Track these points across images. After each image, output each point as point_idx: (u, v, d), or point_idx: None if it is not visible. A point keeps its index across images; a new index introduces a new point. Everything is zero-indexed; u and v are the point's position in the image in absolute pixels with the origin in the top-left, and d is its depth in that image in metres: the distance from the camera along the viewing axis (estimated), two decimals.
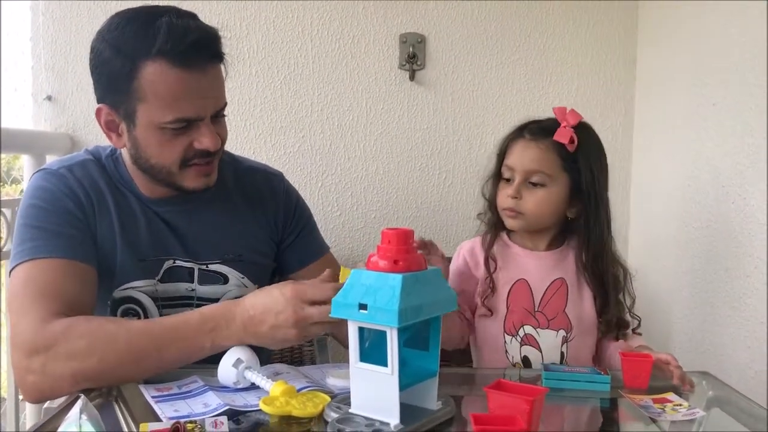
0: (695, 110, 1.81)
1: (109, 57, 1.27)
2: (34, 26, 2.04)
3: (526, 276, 1.51)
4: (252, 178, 1.53)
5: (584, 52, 2.20)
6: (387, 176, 2.18)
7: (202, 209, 1.43)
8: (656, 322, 2.01)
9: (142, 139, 1.29)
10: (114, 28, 1.28)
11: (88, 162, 1.38)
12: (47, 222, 1.28)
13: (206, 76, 1.28)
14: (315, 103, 2.14)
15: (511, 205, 1.49)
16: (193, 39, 1.24)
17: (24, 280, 1.23)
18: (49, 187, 1.32)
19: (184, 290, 1.40)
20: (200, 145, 1.30)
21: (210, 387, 1.12)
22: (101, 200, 1.35)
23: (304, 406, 1.01)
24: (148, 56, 1.23)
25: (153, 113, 1.26)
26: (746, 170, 1.59)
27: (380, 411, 0.97)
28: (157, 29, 1.23)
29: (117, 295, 1.36)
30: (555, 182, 1.48)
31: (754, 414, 1.15)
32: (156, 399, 1.07)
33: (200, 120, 1.29)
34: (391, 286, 0.94)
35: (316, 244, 1.61)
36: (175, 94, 1.25)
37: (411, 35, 2.14)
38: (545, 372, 1.23)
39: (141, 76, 1.24)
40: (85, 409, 0.88)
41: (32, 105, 2.05)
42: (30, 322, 1.18)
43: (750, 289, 1.57)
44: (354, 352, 0.98)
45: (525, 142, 1.50)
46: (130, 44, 1.24)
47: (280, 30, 2.11)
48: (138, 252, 1.36)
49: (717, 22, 1.73)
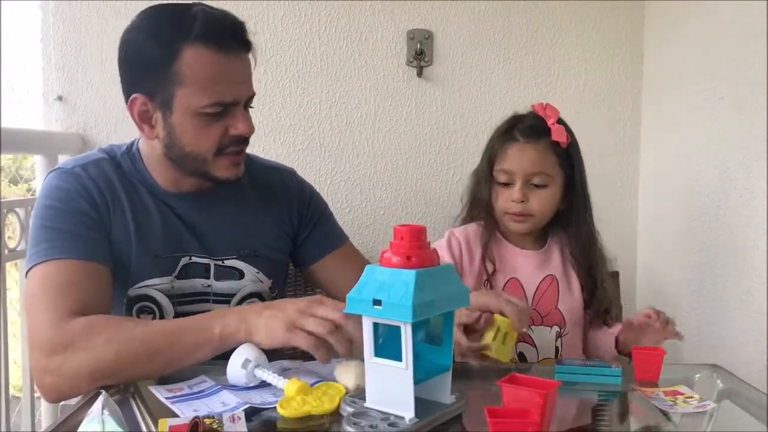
0: (702, 105, 1.82)
1: (146, 45, 1.30)
2: (44, 27, 2.06)
3: (517, 274, 1.55)
4: (265, 176, 1.54)
5: (591, 47, 2.20)
6: (396, 173, 2.19)
7: (218, 205, 1.44)
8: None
9: (179, 126, 1.31)
10: (148, 18, 1.32)
11: (103, 161, 1.40)
12: (63, 222, 1.30)
13: (241, 61, 1.33)
14: (323, 101, 2.16)
15: (519, 209, 1.50)
16: (230, 24, 1.31)
17: (41, 280, 1.24)
18: (64, 186, 1.33)
19: (201, 286, 1.42)
20: (236, 131, 1.33)
21: (222, 386, 1.13)
22: (116, 199, 1.36)
23: (320, 402, 1.02)
24: (187, 40, 1.27)
25: (191, 97, 1.29)
26: (753, 164, 1.59)
27: (395, 405, 0.98)
28: (193, 15, 1.28)
29: (132, 294, 1.37)
30: (554, 181, 1.51)
31: (764, 405, 1.16)
32: (171, 400, 1.07)
33: (235, 105, 1.32)
34: (405, 281, 0.95)
35: (334, 233, 1.61)
36: (214, 77, 1.28)
37: (418, 32, 2.15)
38: (557, 366, 1.24)
39: (180, 60, 1.27)
40: (107, 405, 0.90)
41: (43, 105, 2.07)
42: (48, 322, 1.19)
43: (758, 282, 1.57)
44: (369, 348, 0.99)
45: (520, 144, 1.50)
46: (169, 30, 1.28)
47: (288, 28, 2.12)
48: (153, 249, 1.38)
49: (724, 17, 1.74)
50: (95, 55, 2.07)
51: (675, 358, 1.82)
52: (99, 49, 2.06)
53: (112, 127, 2.08)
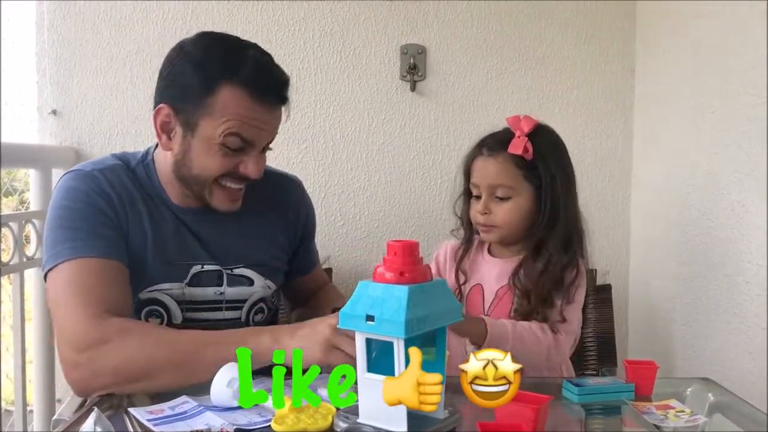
0: (694, 118, 1.83)
1: (188, 71, 1.31)
2: (39, 41, 2.06)
3: (482, 281, 1.58)
4: (274, 183, 1.57)
5: (583, 61, 2.22)
6: (389, 186, 2.20)
7: (229, 220, 1.45)
8: (657, 328, 2.03)
9: (195, 149, 1.33)
10: (201, 46, 1.34)
11: (118, 167, 1.41)
12: (83, 222, 1.31)
13: (272, 113, 1.36)
14: (317, 115, 2.16)
15: (482, 220, 1.54)
16: (275, 79, 1.34)
17: (67, 279, 1.26)
18: (82, 187, 1.34)
19: (213, 294, 1.43)
20: (245, 171, 1.36)
21: (205, 407, 1.10)
22: (133, 203, 1.37)
23: (314, 420, 1.02)
24: (231, 80, 1.29)
25: (215, 129, 1.30)
26: (745, 178, 1.60)
27: (388, 420, 0.98)
28: (244, 58, 1.31)
29: (143, 297, 1.38)
30: (519, 193, 1.51)
31: (755, 419, 1.16)
32: (153, 422, 1.05)
33: (252, 146, 1.34)
34: (398, 297, 0.95)
35: (314, 256, 1.70)
36: (242, 117, 1.30)
37: (412, 46, 2.16)
38: (576, 388, 1.21)
39: (217, 95, 1.29)
40: (99, 422, 0.90)
41: (38, 119, 2.07)
42: (81, 318, 1.21)
43: (750, 295, 1.58)
44: (361, 363, 1.00)
45: (483, 158, 1.54)
46: (215, 66, 1.30)
47: (282, 43, 2.13)
48: (166, 254, 1.39)
49: (715, 31, 1.75)
50: (90, 70, 2.08)
51: (667, 372, 1.82)
52: (94, 64, 2.07)
53: (106, 141, 2.09)
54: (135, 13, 2.07)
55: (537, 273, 1.50)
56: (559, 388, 1.24)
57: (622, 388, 1.23)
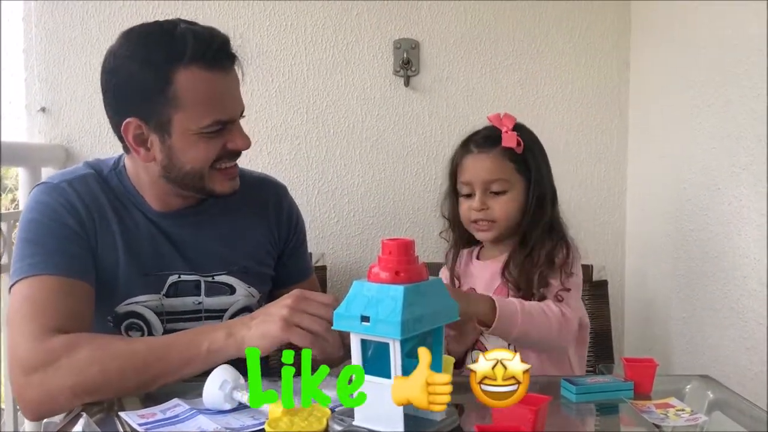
0: (690, 112, 1.82)
1: (137, 71, 1.27)
2: (27, 38, 2.03)
3: (476, 284, 1.57)
4: (258, 189, 1.54)
5: (578, 55, 2.20)
6: (383, 182, 2.18)
7: (206, 223, 1.43)
8: (655, 325, 2.02)
9: (178, 148, 1.31)
10: (136, 43, 1.29)
11: (89, 176, 1.38)
12: (46, 237, 1.28)
13: (231, 77, 1.33)
14: (310, 111, 2.14)
15: (479, 216, 1.54)
16: (219, 41, 1.30)
17: (22, 297, 1.23)
18: (50, 201, 1.32)
19: (191, 304, 1.40)
20: (234, 146, 1.34)
21: (198, 410, 1.09)
22: (102, 215, 1.34)
23: (309, 422, 1.00)
24: (181, 63, 1.26)
25: (190, 120, 1.28)
26: (741, 172, 1.59)
27: (384, 422, 0.97)
28: (182, 36, 1.26)
29: (120, 310, 1.36)
30: (514, 186, 1.53)
31: (754, 416, 1.15)
32: (144, 426, 1.03)
33: (232, 122, 1.33)
34: (393, 297, 0.93)
35: (306, 264, 1.65)
36: (211, 98, 1.29)
37: (405, 41, 2.14)
38: (576, 387, 1.19)
39: (175, 84, 1.26)
40: (88, 428, 0.88)
41: (26, 117, 2.05)
42: (27, 339, 1.18)
43: (748, 290, 1.57)
44: (357, 365, 0.98)
45: (474, 155, 1.55)
46: (160, 54, 1.26)
47: (274, 38, 2.11)
48: (141, 266, 1.36)
49: (711, 24, 1.74)
50: (79, 67, 2.05)
51: (664, 368, 1.81)
52: (83, 61, 2.05)
53: (96, 139, 2.06)
54: (124, 9, 2.05)
55: (524, 257, 1.51)
56: (558, 388, 1.22)
57: (621, 387, 1.22)
